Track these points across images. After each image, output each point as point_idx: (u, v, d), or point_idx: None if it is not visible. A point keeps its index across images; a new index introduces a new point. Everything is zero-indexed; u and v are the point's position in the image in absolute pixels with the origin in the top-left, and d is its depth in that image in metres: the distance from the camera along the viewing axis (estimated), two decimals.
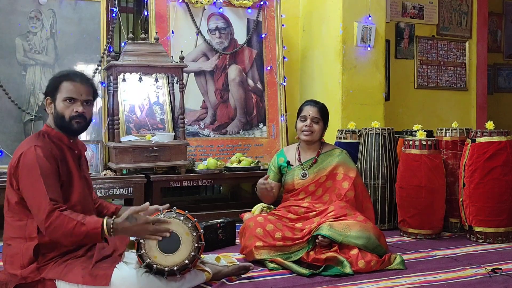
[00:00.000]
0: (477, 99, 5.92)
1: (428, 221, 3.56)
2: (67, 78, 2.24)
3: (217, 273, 2.49)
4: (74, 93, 2.22)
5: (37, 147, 2.13)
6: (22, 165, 2.11)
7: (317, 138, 3.16)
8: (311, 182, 3.14)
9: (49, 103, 2.26)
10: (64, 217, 2.04)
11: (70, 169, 2.25)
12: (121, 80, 3.98)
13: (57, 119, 2.23)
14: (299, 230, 2.89)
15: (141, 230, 2.11)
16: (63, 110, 2.21)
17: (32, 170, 2.09)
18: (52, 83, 2.26)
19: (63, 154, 2.24)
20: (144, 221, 2.11)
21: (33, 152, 2.12)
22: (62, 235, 2.05)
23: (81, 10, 4.13)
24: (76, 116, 2.22)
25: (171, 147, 3.92)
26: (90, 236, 2.06)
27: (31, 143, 2.17)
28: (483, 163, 3.38)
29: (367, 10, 4.65)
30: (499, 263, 2.91)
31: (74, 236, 2.05)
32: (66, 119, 2.21)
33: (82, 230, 2.04)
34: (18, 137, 3.84)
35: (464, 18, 5.87)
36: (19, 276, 2.14)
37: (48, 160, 2.13)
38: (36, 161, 2.10)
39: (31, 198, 2.09)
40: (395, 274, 2.70)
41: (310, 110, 3.14)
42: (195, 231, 2.23)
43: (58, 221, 2.03)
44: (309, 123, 3.12)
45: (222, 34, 4.65)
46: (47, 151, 2.15)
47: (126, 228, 2.10)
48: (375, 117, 4.50)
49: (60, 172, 2.18)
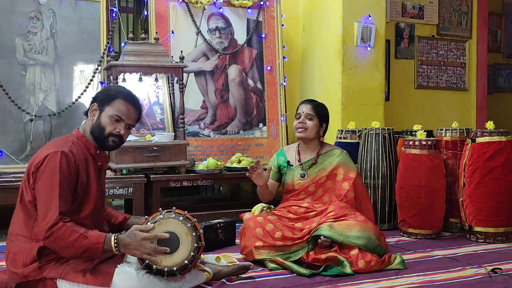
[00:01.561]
0: (477, 99, 5.92)
1: (428, 221, 3.56)
2: (123, 96, 2.27)
3: (217, 273, 2.49)
4: (124, 115, 2.25)
5: (63, 154, 2.12)
6: (44, 168, 2.10)
7: (312, 135, 3.14)
8: (311, 183, 3.14)
9: (94, 109, 2.26)
10: (67, 228, 2.03)
11: (89, 180, 2.24)
12: (121, 80, 3.98)
13: (97, 128, 2.24)
14: (299, 230, 2.89)
15: (139, 246, 2.09)
16: (106, 124, 2.23)
17: (52, 176, 2.08)
18: (106, 94, 2.29)
19: (87, 164, 2.24)
20: (142, 238, 2.09)
21: (58, 158, 2.10)
22: (62, 247, 2.04)
23: (81, 10, 4.13)
24: (116, 135, 2.25)
25: (171, 147, 3.92)
26: (91, 250, 2.04)
27: (58, 147, 2.15)
28: (483, 163, 3.38)
29: (367, 10, 4.65)
30: (499, 263, 2.91)
31: (74, 248, 2.03)
32: (105, 134, 2.23)
33: (83, 243, 2.03)
34: (18, 137, 3.84)
35: (464, 18, 5.87)
36: (20, 275, 2.14)
37: (70, 170, 2.12)
38: (59, 169, 2.08)
39: (43, 203, 2.07)
40: (395, 274, 2.70)
41: (303, 108, 3.16)
42: (194, 231, 2.22)
43: (60, 231, 2.02)
44: (302, 119, 3.12)
45: (222, 34, 4.65)
46: (72, 161, 2.14)
47: (127, 245, 2.09)
48: (375, 117, 4.50)
49: (79, 184, 2.18)
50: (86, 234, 2.04)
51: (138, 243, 2.09)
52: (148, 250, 2.10)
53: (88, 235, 2.04)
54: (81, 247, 2.03)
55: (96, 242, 2.04)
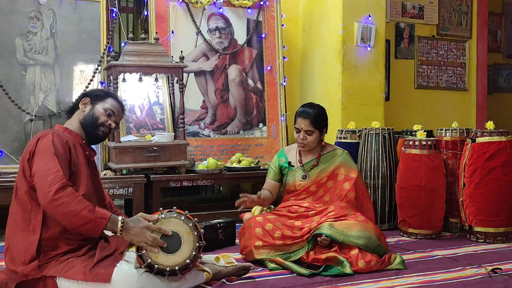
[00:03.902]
0: (477, 99, 5.92)
1: (428, 221, 3.56)
2: (114, 97, 2.49)
3: (217, 273, 2.49)
4: (115, 111, 2.43)
5: (54, 134, 2.23)
6: (38, 149, 2.17)
7: (314, 146, 3.15)
8: (312, 183, 3.14)
9: (86, 102, 2.41)
10: (77, 196, 2.06)
11: (80, 163, 2.30)
12: (121, 80, 3.98)
13: (89, 118, 2.37)
14: (299, 229, 2.89)
15: (140, 232, 2.11)
16: (100, 115, 2.38)
17: (47, 150, 2.15)
18: (100, 93, 2.49)
19: (76, 149, 2.31)
20: (145, 226, 2.13)
21: (50, 137, 2.20)
22: (66, 213, 2.04)
23: (81, 10, 4.13)
24: (107, 126, 2.40)
25: (171, 147, 3.92)
26: (93, 223, 2.06)
27: (48, 131, 2.27)
28: (483, 163, 3.38)
29: (367, 10, 4.65)
30: (499, 263, 2.91)
31: (78, 217, 2.04)
32: (98, 122, 2.37)
33: (88, 215, 2.05)
34: (18, 137, 3.84)
35: (464, 18, 5.87)
36: (20, 274, 2.14)
37: (62, 146, 2.21)
38: (52, 143, 2.17)
39: (43, 172, 2.09)
40: (395, 274, 2.70)
41: (302, 124, 3.08)
42: (195, 231, 2.23)
43: (69, 197, 2.04)
44: (302, 136, 3.10)
45: (222, 34, 4.65)
46: (63, 140, 2.24)
47: (129, 228, 2.11)
48: (375, 117, 4.50)
49: (72, 161, 2.24)
50: (93, 208, 2.08)
51: (139, 229, 2.12)
52: (148, 239, 2.11)
53: (95, 210, 2.08)
54: (84, 217, 2.05)
55: (102, 217, 2.08)
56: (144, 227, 2.13)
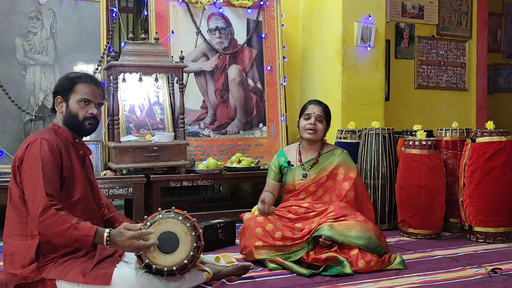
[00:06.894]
0: (477, 99, 5.92)
1: (428, 221, 3.56)
2: (82, 80, 2.29)
3: (217, 273, 2.49)
4: (90, 96, 2.27)
5: (43, 140, 2.15)
6: (27, 157, 2.13)
7: (320, 137, 3.16)
8: (311, 182, 3.13)
9: (59, 102, 2.29)
10: (59, 217, 2.03)
11: (73, 166, 2.26)
12: (121, 80, 3.98)
13: (69, 118, 2.27)
14: (299, 230, 2.89)
15: (127, 246, 2.09)
16: (77, 110, 2.26)
17: (34, 163, 2.10)
18: (65, 83, 2.29)
19: (68, 151, 2.26)
20: (129, 237, 2.08)
21: (38, 145, 2.13)
22: (53, 234, 2.04)
23: (81, 10, 4.13)
24: (90, 117, 2.27)
25: (171, 147, 3.92)
26: (80, 241, 2.05)
27: (38, 135, 2.20)
28: (483, 163, 3.38)
29: (367, 10, 4.65)
30: (499, 263, 2.91)
31: (65, 237, 2.04)
32: (80, 120, 2.26)
33: (74, 234, 2.03)
34: (18, 137, 3.84)
35: (464, 18, 5.87)
36: (19, 276, 2.14)
37: (52, 154, 2.14)
38: (39, 154, 2.11)
39: (29, 191, 2.09)
40: (395, 274, 2.70)
41: (314, 109, 3.13)
42: (194, 231, 2.22)
43: (52, 219, 2.03)
44: (314, 121, 3.10)
45: (222, 34, 4.65)
46: (53, 145, 2.17)
47: (116, 241, 2.08)
48: (375, 117, 4.50)
49: (63, 167, 2.19)
50: (77, 225, 2.04)
51: (126, 241, 2.08)
52: (137, 247, 2.10)
53: (79, 227, 2.04)
54: (71, 236, 2.03)
55: (86, 234, 2.04)
56: (129, 239, 2.08)
